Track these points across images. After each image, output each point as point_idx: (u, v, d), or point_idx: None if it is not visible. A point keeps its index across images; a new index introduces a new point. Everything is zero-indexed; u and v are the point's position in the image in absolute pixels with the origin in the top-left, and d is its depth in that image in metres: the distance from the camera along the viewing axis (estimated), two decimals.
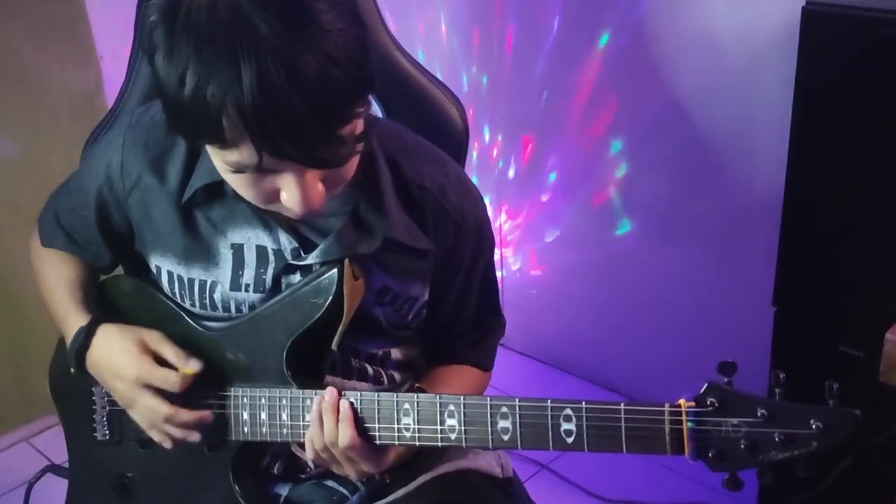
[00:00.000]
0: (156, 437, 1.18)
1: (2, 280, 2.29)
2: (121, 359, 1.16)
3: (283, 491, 1.24)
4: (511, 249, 2.77)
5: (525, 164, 2.61)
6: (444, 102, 1.48)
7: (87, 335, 1.19)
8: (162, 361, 1.16)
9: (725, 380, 0.93)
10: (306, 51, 0.87)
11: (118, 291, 1.27)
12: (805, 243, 1.76)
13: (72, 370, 1.20)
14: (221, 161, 0.97)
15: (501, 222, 2.74)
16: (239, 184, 1.01)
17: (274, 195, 1.00)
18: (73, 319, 1.22)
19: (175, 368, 1.15)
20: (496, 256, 2.75)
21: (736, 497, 2.18)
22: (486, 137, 2.69)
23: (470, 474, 1.28)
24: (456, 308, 1.26)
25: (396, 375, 1.27)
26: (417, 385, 1.23)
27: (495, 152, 2.69)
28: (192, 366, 1.15)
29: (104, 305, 1.26)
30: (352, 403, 1.08)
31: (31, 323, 1.27)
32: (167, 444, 1.17)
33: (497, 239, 2.76)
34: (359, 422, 1.07)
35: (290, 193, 0.98)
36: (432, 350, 1.31)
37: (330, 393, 1.08)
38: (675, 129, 2.21)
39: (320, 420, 1.08)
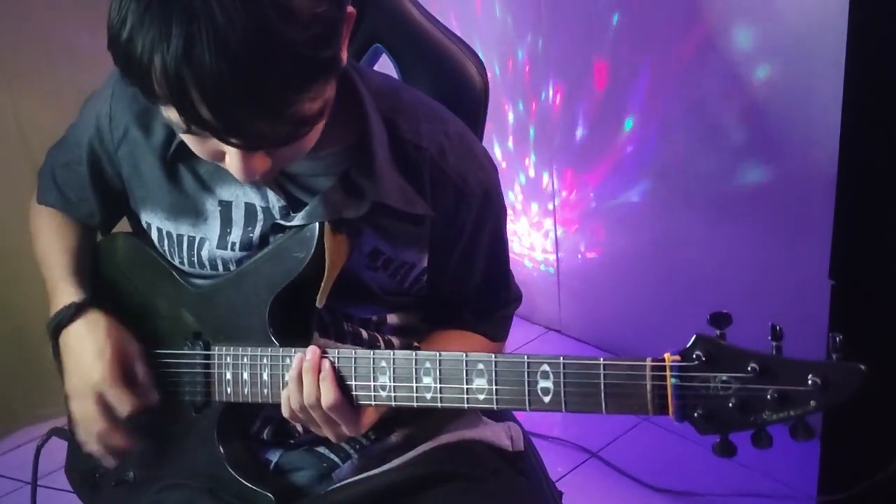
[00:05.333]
0: (80, 438, 1.16)
1: None
2: (92, 355, 1.13)
3: (274, 457, 1.19)
4: (563, 231, 2.67)
5: (577, 144, 2.52)
6: (462, 59, 1.40)
7: (74, 313, 1.16)
8: (129, 372, 1.14)
9: (718, 332, 0.84)
10: (248, 26, 0.79)
11: (114, 248, 1.25)
12: (862, 213, 1.63)
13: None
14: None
15: (555, 204, 2.65)
16: (185, 138, 0.96)
17: (220, 156, 0.95)
18: (64, 289, 1.20)
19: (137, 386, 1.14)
20: (550, 238, 2.68)
21: (795, 485, 2.06)
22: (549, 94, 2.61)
23: (475, 445, 1.21)
24: (458, 278, 1.19)
25: (395, 340, 1.21)
26: (416, 344, 1.16)
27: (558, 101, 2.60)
28: (151, 399, 1.14)
29: (100, 263, 1.24)
30: (332, 362, 1.02)
31: None
32: (85, 448, 1.16)
33: (551, 220, 2.68)
34: (340, 381, 1.02)
35: (231, 161, 0.93)
36: (438, 318, 1.24)
37: (312, 352, 1.02)
38: (727, 100, 2.11)
39: (300, 379, 1.03)
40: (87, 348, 1.14)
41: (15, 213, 2.28)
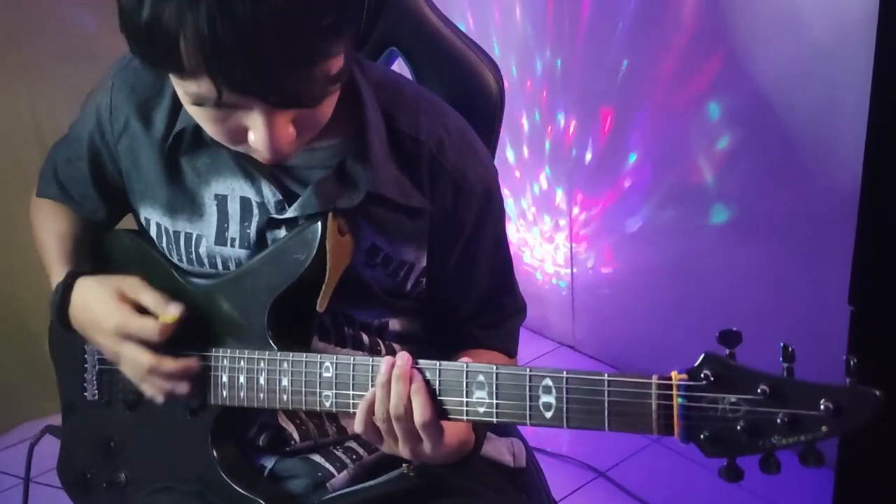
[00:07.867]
0: (146, 390, 1.09)
1: None
2: (99, 310, 1.10)
3: (269, 463, 1.15)
4: (579, 247, 2.64)
5: (591, 163, 2.49)
6: (478, 65, 1.37)
7: (64, 289, 1.14)
8: (143, 309, 1.08)
9: (727, 351, 0.80)
10: None
11: (115, 245, 1.22)
12: (883, 237, 1.58)
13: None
14: (183, 92, 0.90)
15: (575, 214, 2.62)
16: (203, 119, 0.93)
17: (241, 135, 0.92)
18: (59, 271, 1.18)
19: (156, 316, 1.07)
20: (565, 253, 2.64)
21: None
22: (561, 123, 2.57)
23: (475, 460, 1.17)
24: (459, 281, 1.15)
25: (397, 347, 1.17)
26: None
27: (571, 129, 2.56)
28: (172, 311, 1.07)
29: (100, 259, 1.22)
30: (421, 371, 0.94)
31: None
32: (158, 398, 1.09)
33: (568, 232, 2.64)
34: (432, 394, 0.94)
35: (256, 133, 0.90)
36: (446, 336, 1.20)
37: (403, 358, 0.94)
38: (746, 119, 2.07)
39: (389, 386, 0.94)
40: (93, 307, 1.10)
41: (27, 209, 2.28)
